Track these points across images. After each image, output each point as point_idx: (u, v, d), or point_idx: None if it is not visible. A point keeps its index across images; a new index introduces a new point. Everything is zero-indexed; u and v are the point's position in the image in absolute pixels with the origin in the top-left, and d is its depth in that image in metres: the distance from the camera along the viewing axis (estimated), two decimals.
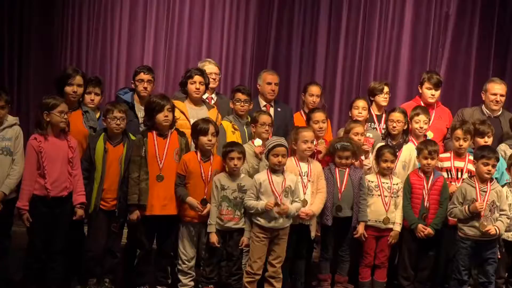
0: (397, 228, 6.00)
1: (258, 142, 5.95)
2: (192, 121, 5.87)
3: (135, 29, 8.47)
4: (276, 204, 5.47)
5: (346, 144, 5.91)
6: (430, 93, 6.78)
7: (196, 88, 6.10)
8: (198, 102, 6.19)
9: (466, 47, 8.46)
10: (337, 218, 5.88)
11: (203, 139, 5.58)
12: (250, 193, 5.56)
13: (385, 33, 8.49)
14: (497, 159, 5.76)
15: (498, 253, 5.83)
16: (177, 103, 5.92)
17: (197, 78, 6.09)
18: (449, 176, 6.11)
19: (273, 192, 5.52)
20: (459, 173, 6.06)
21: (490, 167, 5.69)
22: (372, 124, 6.71)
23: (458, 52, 8.45)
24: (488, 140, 6.16)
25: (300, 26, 8.52)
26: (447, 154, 6.20)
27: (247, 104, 6.28)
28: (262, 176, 5.60)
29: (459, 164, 6.11)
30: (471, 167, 6.00)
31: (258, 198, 5.54)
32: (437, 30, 8.46)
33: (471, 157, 6.03)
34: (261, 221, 5.52)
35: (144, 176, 5.53)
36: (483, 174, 5.71)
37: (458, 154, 6.14)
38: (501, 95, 6.72)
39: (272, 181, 5.54)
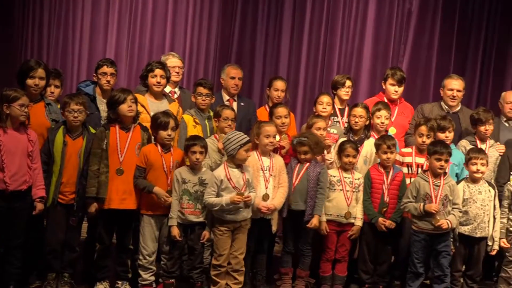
0: (359, 223, 6.06)
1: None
2: None
3: (97, 22, 8.36)
4: (240, 194, 5.48)
5: (303, 139, 5.93)
6: (394, 89, 6.85)
7: (157, 82, 6.05)
8: (159, 95, 6.14)
9: (428, 44, 8.54)
10: (293, 212, 5.92)
11: (163, 134, 5.55)
12: (210, 191, 5.54)
13: (348, 29, 8.53)
14: (450, 154, 5.84)
15: (452, 247, 5.93)
16: (137, 96, 5.84)
17: (158, 71, 6.05)
18: (409, 171, 6.18)
19: (234, 187, 5.53)
20: (419, 169, 6.13)
21: (442, 162, 5.77)
22: (335, 117, 6.75)
23: (420, 48, 8.53)
24: (449, 135, 6.23)
25: (264, 21, 8.51)
26: (409, 149, 6.27)
27: (208, 98, 6.26)
28: (221, 172, 5.60)
29: (420, 160, 6.18)
30: None
31: (218, 194, 5.54)
32: (400, 27, 8.53)
33: None
34: (224, 215, 5.54)
35: (104, 169, 5.49)
36: (436, 169, 5.79)
37: (420, 150, 6.21)
38: (458, 91, 6.82)
39: (231, 177, 5.55)
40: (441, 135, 6.22)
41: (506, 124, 6.77)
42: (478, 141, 6.40)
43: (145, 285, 5.62)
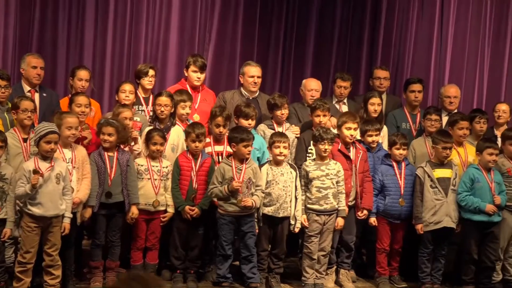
0: (171, 210, 6.14)
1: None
2: None
3: None
4: (35, 172, 5.31)
5: (111, 121, 5.89)
6: (196, 76, 6.95)
7: None
8: None
9: (232, 32, 8.67)
10: (107, 204, 5.85)
11: None
12: (20, 183, 5.35)
13: (154, 17, 8.42)
14: (253, 139, 6.09)
15: (257, 227, 6.17)
16: None
17: None
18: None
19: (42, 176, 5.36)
20: (219, 157, 6.32)
21: (250, 148, 6.02)
22: (140, 106, 6.74)
23: (224, 37, 8.63)
24: (252, 123, 6.45)
25: (66, 8, 8.13)
26: (207, 140, 6.37)
27: (8, 90, 6.04)
28: (30, 163, 5.43)
29: (219, 148, 6.37)
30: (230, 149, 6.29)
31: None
32: (204, 15, 8.58)
33: None
34: (33, 210, 5.37)
35: None
36: (245, 155, 6.03)
37: (217, 140, 6.39)
38: (258, 77, 7.08)
39: (39, 167, 5.39)
40: (245, 122, 6.43)
41: None
42: (275, 125, 6.66)
43: None
